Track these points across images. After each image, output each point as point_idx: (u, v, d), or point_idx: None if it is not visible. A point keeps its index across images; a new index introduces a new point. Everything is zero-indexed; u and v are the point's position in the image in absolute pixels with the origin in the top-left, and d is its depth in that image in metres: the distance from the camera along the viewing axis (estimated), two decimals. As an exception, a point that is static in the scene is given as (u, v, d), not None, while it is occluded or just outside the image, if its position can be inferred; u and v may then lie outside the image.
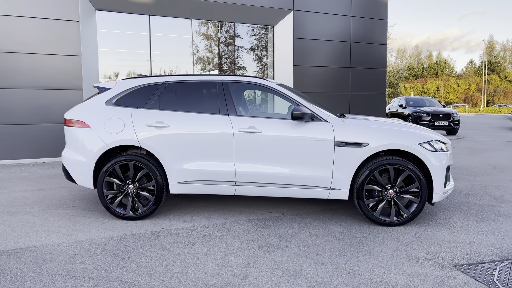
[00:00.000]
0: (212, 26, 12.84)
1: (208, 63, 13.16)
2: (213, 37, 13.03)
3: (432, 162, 4.40)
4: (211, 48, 13.07)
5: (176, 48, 12.50)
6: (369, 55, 13.56)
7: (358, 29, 13.21)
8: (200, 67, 13.02)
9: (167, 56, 12.24)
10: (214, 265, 3.49)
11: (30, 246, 3.89)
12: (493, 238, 4.13)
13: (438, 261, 3.58)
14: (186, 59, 12.68)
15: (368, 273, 3.34)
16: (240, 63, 13.50)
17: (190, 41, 12.62)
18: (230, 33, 13.01)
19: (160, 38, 11.85)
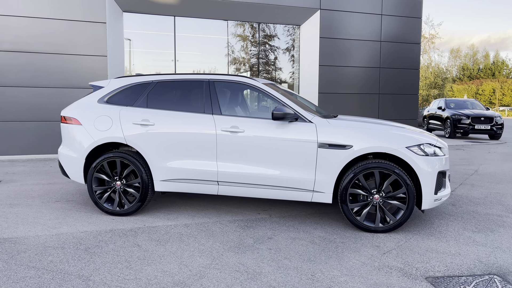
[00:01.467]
0: (237, 26, 12.88)
1: (237, 63, 13.22)
2: (238, 37, 13.06)
3: (420, 167, 4.15)
4: (235, 47, 13.12)
5: (200, 48, 12.64)
6: (401, 55, 13.07)
7: (389, 28, 12.77)
8: (224, 66, 13.11)
9: (191, 56, 12.42)
10: (176, 264, 3.48)
11: (12, 237, 4.06)
12: (482, 250, 3.84)
13: (411, 272, 3.37)
14: (210, 59, 12.81)
15: (328, 280, 3.20)
16: (267, 62, 13.45)
17: (215, 41, 12.73)
18: (255, 32, 12.98)
19: (184, 39, 12.04)
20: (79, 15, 9.98)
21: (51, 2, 9.79)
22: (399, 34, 12.99)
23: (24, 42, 9.74)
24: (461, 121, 16.11)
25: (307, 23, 12.44)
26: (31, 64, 9.79)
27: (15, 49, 9.70)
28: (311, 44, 12.33)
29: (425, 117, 19.17)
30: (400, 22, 12.95)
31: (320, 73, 12.09)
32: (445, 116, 16.94)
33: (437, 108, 18.11)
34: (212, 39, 12.92)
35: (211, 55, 13.10)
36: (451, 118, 16.39)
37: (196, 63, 12.78)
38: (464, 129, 16.04)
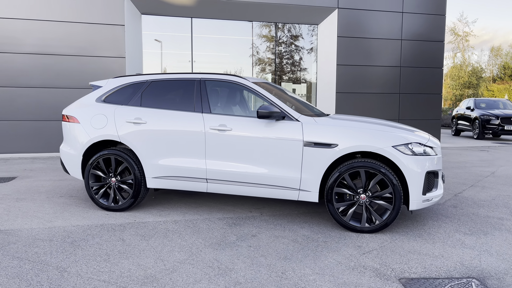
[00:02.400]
0: (255, 26, 12.93)
1: (255, 63, 13.27)
2: (255, 36, 13.11)
3: (407, 166, 4.06)
4: (250, 47, 13.17)
5: (216, 49, 12.78)
6: (423, 53, 12.73)
7: (410, 26, 12.47)
8: (240, 65, 13.19)
9: (207, 57, 12.58)
10: (153, 258, 3.57)
11: (8, 229, 4.27)
12: (468, 253, 3.72)
13: (385, 273, 3.31)
14: (228, 59, 12.92)
15: (296, 278, 3.20)
16: (286, 62, 13.43)
17: (232, 41, 12.83)
18: (272, 32, 12.98)
19: (201, 39, 12.21)
20: (99, 18, 10.31)
21: (73, 6, 10.16)
22: (421, 32, 12.66)
23: (47, 45, 10.17)
24: (490, 122, 15.52)
25: (325, 22, 12.33)
26: (54, 66, 10.20)
27: (38, 51, 10.13)
28: (328, 43, 12.22)
29: (454, 118, 18.58)
30: (423, 19, 12.61)
31: (338, 72, 11.95)
32: (474, 116, 16.36)
33: (466, 108, 17.51)
34: (228, 40, 13.04)
35: (229, 55, 13.22)
36: (479, 119, 15.82)
37: (213, 63, 12.93)
38: (493, 130, 15.44)
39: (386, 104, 12.45)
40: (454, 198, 5.76)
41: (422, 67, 12.74)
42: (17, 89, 10.11)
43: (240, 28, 12.91)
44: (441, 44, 12.92)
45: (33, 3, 9.96)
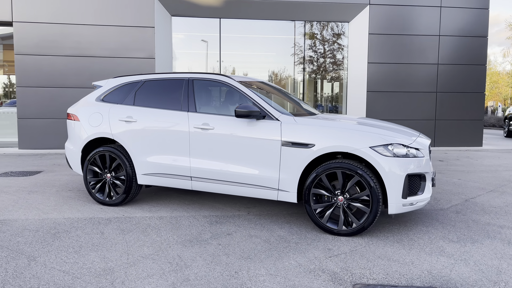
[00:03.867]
0: (283, 25, 12.86)
1: (282, 62, 13.22)
2: (282, 35, 13.04)
3: (384, 168, 3.89)
4: (283, 46, 13.10)
5: (245, 48, 12.85)
6: (464, 50, 12.04)
7: (449, 21, 11.84)
8: (268, 65, 13.17)
9: (235, 56, 12.69)
10: (120, 252, 3.69)
11: (5, 219, 4.60)
12: (442, 262, 3.50)
13: (342, 277, 3.21)
14: (254, 58, 12.95)
15: (246, 278, 3.18)
16: (315, 61, 13.25)
17: (264, 41, 12.84)
18: (301, 30, 12.83)
19: (230, 39, 12.34)
20: (130, 21, 10.76)
21: (106, 10, 10.68)
22: (462, 27, 11.98)
23: (82, 48, 10.76)
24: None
25: (356, 20, 12.02)
26: (88, 67, 10.77)
27: (75, 54, 10.75)
28: (359, 41, 11.90)
29: (506, 118, 17.38)
30: (463, 14, 11.92)
31: (369, 71, 11.61)
32: (526, 117, 15.22)
33: (519, 108, 16.33)
34: (258, 39, 13.06)
35: (251, 56, 13.26)
36: (531, 119, 14.68)
37: (239, 63, 13.02)
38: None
39: (421, 103, 11.91)
40: (462, 203, 5.42)
41: (462, 65, 12.06)
42: (56, 89, 10.78)
43: (268, 27, 12.89)
44: (484, 40, 12.14)
45: (71, 9, 10.58)
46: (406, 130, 4.56)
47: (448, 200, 5.62)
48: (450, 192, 6.09)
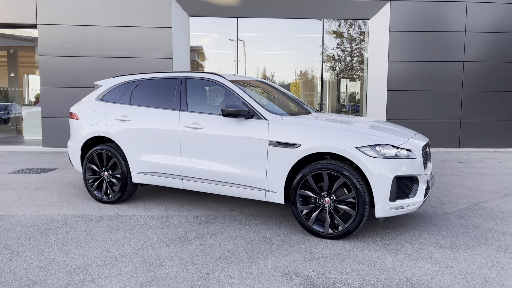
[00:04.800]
0: (301, 23, 12.69)
1: (303, 61, 13.07)
2: (301, 33, 12.88)
3: (371, 170, 3.74)
4: (304, 45, 12.94)
5: (262, 48, 12.78)
6: (492, 46, 11.47)
7: (476, 16, 11.31)
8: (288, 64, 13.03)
9: (253, 56, 12.65)
10: (101, 250, 3.72)
11: (4, 214, 4.74)
12: (426, 268, 3.32)
13: (314, 282, 3.10)
14: (272, 58, 12.87)
15: (216, 280, 3.13)
16: (335, 59, 13.01)
17: (281, 40, 12.73)
18: (319, 29, 12.59)
19: (246, 39, 12.31)
20: (148, 22, 10.91)
21: (126, 11, 10.88)
22: (490, 23, 11.42)
23: (103, 48, 11.01)
24: None
25: (376, 17, 11.70)
26: (109, 68, 11.00)
27: (96, 54, 11.01)
28: (380, 38, 11.57)
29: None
30: (491, 9, 11.35)
31: (390, 69, 11.27)
32: None
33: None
34: (277, 38, 12.96)
35: (268, 55, 13.17)
36: None
37: (256, 62, 12.97)
38: None
39: (445, 102, 11.45)
40: (469, 208, 5.15)
41: (490, 62, 11.50)
42: (78, 89, 11.07)
43: (287, 26, 12.77)
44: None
45: (92, 11, 10.85)
46: (401, 131, 4.37)
47: (454, 203, 5.36)
48: (460, 195, 5.81)
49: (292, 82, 13.45)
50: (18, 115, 14.59)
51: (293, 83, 13.46)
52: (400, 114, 11.34)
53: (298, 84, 13.51)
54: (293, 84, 13.44)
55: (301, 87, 13.47)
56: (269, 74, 13.20)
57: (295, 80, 13.48)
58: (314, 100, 13.48)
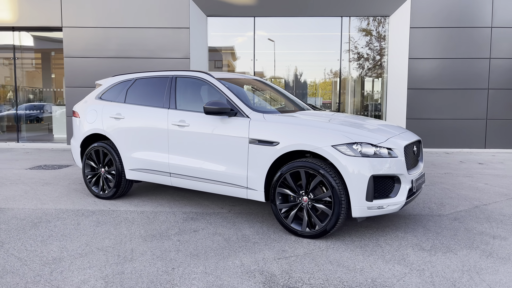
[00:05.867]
0: (320, 21, 12.54)
1: (321, 60, 12.91)
2: (321, 32, 12.72)
3: (346, 168, 3.66)
4: (323, 43, 12.78)
5: (277, 47, 12.73)
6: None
7: (503, 11, 10.80)
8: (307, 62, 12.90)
9: (267, 55, 12.63)
10: (81, 243, 3.84)
11: (5, 207, 4.97)
12: (396, 271, 3.22)
13: (275, 281, 3.08)
14: (288, 57, 12.79)
15: (178, 275, 3.16)
16: (355, 58, 12.77)
17: (298, 39, 12.63)
18: (337, 27, 12.37)
19: (264, 38, 12.31)
20: (167, 23, 11.13)
21: (145, 13, 11.15)
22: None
23: (124, 49, 11.33)
24: None
25: (396, 13, 11.39)
26: (129, 68, 11.26)
27: (117, 55, 11.34)
28: (400, 35, 11.26)
29: None
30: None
31: (410, 67, 10.96)
32: None
33: None
34: (292, 37, 12.88)
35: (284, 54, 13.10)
36: None
37: (272, 61, 12.94)
38: None
39: (470, 101, 11.01)
40: (468, 210, 4.94)
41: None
42: (100, 89, 11.44)
43: (306, 24, 12.66)
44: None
45: (113, 13, 11.18)
46: (386, 129, 4.24)
47: (454, 205, 5.15)
48: (464, 197, 5.57)
49: (310, 81, 13.32)
50: (50, 114, 15.25)
51: (311, 82, 13.33)
52: (421, 113, 11.01)
53: (315, 83, 13.38)
54: (310, 83, 13.32)
55: (316, 86, 13.33)
56: (286, 73, 13.11)
57: (313, 79, 13.35)
58: (333, 99, 13.31)
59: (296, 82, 13.17)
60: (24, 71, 13.70)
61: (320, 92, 13.37)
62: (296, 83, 13.12)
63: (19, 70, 12.99)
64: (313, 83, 13.34)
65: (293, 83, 13.11)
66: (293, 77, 13.16)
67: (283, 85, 13.13)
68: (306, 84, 13.29)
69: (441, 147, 11.02)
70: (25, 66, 13.67)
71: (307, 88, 13.29)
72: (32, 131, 13.34)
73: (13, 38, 12.32)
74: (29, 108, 13.73)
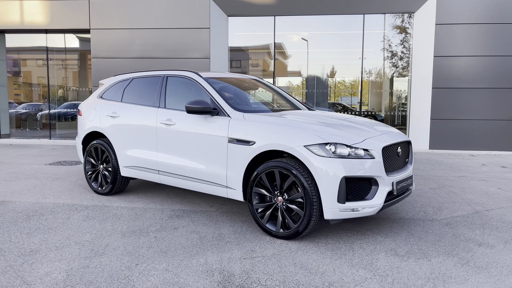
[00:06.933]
0: (341, 19, 12.30)
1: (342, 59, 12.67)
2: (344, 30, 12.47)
3: (317, 169, 3.58)
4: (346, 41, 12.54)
5: (300, 45, 12.60)
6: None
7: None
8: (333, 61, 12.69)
9: (295, 54, 12.56)
10: (63, 236, 3.98)
11: (9, 200, 5.24)
12: (357, 276, 3.12)
13: (231, 280, 3.07)
14: (314, 55, 12.63)
15: (138, 271, 3.22)
16: (380, 56, 12.43)
17: (325, 38, 12.44)
18: (359, 25, 12.07)
19: (283, 37, 12.22)
20: (188, 23, 11.31)
21: (166, 14, 11.38)
22: (556, 12, 10.21)
23: (146, 50, 11.63)
24: None
25: (422, 10, 10.97)
26: (152, 69, 11.57)
27: (140, 56, 11.66)
28: (425, 32, 10.85)
29: None
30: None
31: (435, 65, 10.54)
32: None
33: None
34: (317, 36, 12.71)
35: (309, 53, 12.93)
36: None
37: (295, 60, 12.83)
38: None
39: (500, 101, 10.45)
40: (466, 215, 4.70)
41: (556, 56, 10.28)
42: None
43: (327, 23, 12.47)
44: None
45: (136, 15, 11.50)
46: (367, 130, 4.09)
47: (453, 210, 4.92)
48: (469, 201, 5.31)
49: (331, 81, 13.11)
50: (83, 113, 15.93)
51: (331, 81, 13.12)
52: (447, 113, 10.58)
53: (334, 83, 13.15)
54: (331, 82, 13.10)
55: (332, 85, 13.09)
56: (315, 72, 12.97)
57: (333, 79, 13.13)
58: (352, 99, 13.05)
59: (318, 80, 12.99)
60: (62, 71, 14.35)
61: (341, 92, 13.12)
62: (317, 82, 12.95)
63: (55, 70, 13.62)
64: (333, 82, 13.13)
65: (313, 81, 12.95)
66: (315, 76, 13.00)
67: (303, 84, 13.00)
68: (327, 83, 13.08)
69: (467, 149, 10.53)
70: (60, 66, 14.28)
71: (328, 88, 13.08)
72: (64, 129, 13.94)
73: (46, 39, 12.92)
74: (63, 107, 14.38)
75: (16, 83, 15.43)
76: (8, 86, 13.91)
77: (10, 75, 14.63)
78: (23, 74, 15.46)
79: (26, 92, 15.15)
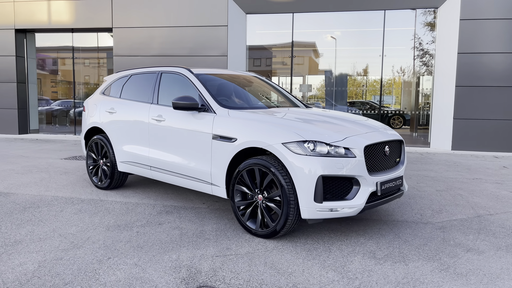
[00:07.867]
0: (362, 16, 11.99)
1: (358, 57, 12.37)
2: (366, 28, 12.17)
3: (293, 167, 3.49)
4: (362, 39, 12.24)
5: (315, 44, 12.39)
6: None
7: None
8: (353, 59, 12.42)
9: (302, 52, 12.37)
10: (49, 228, 4.08)
11: (13, 193, 5.43)
12: (325, 278, 3.02)
13: (196, 278, 3.04)
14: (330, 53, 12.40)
15: (108, 265, 3.24)
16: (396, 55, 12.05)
17: (344, 35, 12.20)
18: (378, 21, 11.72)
19: (302, 35, 12.07)
20: (206, 21, 11.37)
21: (185, 12, 11.49)
22: None
23: (165, 48, 11.79)
24: None
25: (446, 4, 10.54)
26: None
27: (159, 54, 11.84)
28: (449, 28, 10.43)
29: None
30: None
31: (459, 62, 10.12)
32: None
33: None
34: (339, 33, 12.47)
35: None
36: None
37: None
38: None
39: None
40: (465, 219, 4.47)
41: None
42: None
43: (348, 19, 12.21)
44: None
45: (156, 13, 11.68)
46: (352, 127, 3.95)
47: (453, 213, 4.69)
48: (473, 205, 5.05)
49: (350, 78, 12.83)
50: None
51: (350, 79, 12.85)
52: (471, 113, 10.14)
53: (353, 81, 12.86)
54: (350, 80, 12.83)
55: (345, 84, 12.79)
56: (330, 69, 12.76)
57: (353, 77, 12.85)
58: (370, 98, 12.73)
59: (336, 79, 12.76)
60: (88, 69, 14.75)
61: (359, 90, 12.84)
62: (336, 80, 12.72)
63: (81, 68, 14.03)
64: (352, 80, 12.85)
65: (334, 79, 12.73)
66: (333, 74, 12.77)
67: (323, 83, 12.79)
68: (346, 81, 12.82)
69: (492, 150, 10.05)
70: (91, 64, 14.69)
71: (346, 85, 12.81)
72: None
73: (72, 38, 13.33)
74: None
75: (54, 80, 15.89)
76: (44, 84, 14.43)
77: (47, 73, 15.13)
78: (60, 72, 15.85)
79: (62, 90, 15.55)
